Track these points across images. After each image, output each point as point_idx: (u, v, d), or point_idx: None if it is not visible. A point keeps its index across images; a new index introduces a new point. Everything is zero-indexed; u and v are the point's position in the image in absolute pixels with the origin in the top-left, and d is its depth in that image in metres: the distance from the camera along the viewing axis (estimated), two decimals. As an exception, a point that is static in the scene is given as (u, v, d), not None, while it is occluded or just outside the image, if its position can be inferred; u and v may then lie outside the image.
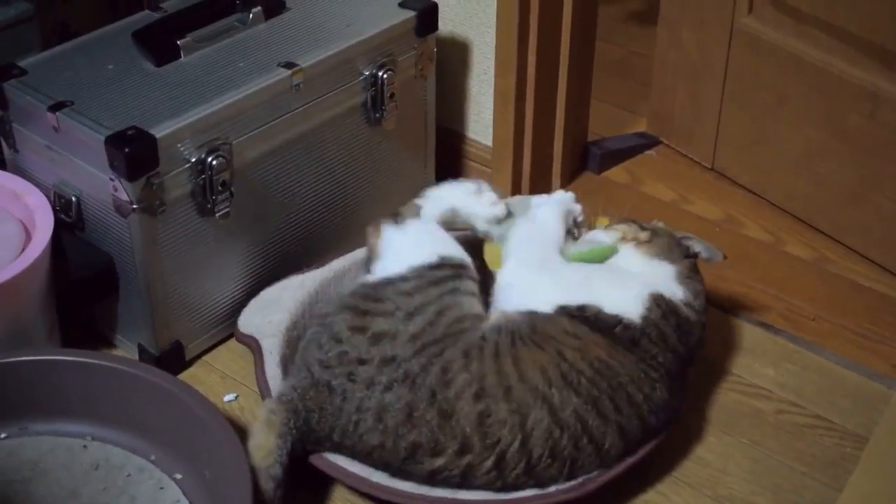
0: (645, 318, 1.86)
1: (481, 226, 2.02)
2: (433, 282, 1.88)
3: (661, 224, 2.08)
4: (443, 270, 1.91)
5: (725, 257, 2.08)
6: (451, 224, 2.03)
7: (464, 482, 1.77)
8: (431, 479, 1.78)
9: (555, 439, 1.76)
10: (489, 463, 1.75)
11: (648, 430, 1.84)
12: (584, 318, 1.84)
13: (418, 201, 2.04)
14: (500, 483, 1.77)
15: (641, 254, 1.98)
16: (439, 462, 1.76)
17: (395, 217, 2.00)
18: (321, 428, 1.81)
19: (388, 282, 1.90)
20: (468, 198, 2.03)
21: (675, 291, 1.93)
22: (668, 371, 1.86)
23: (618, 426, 1.79)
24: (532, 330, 1.83)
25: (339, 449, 1.83)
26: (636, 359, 1.83)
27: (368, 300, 1.88)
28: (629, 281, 1.92)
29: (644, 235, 2.01)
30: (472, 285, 1.92)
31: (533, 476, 1.77)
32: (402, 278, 1.90)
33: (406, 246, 1.95)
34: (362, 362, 1.81)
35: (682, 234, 2.06)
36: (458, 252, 1.94)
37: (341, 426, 1.80)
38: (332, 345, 1.85)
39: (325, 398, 1.81)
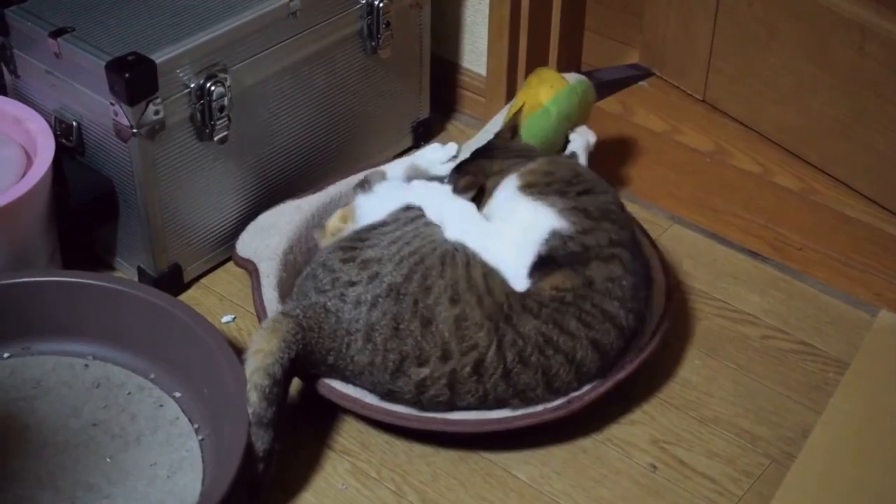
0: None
1: (439, 171, 2.14)
2: (408, 220, 1.96)
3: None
4: (414, 211, 1.98)
5: None
6: (417, 175, 2.16)
7: (452, 396, 1.83)
8: (420, 394, 1.83)
9: (520, 347, 1.82)
10: (469, 368, 1.81)
11: (624, 332, 1.89)
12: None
13: (382, 168, 2.17)
14: (482, 392, 1.82)
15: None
16: (425, 372, 1.81)
17: (363, 185, 2.09)
18: (318, 350, 1.85)
19: (370, 226, 1.97)
20: (422, 152, 2.19)
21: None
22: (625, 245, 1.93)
23: (590, 341, 1.85)
24: None
25: (332, 371, 1.88)
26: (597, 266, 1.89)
27: (355, 241, 1.94)
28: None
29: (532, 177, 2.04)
30: None
31: (511, 384, 1.83)
32: (382, 223, 1.97)
33: (378, 203, 2.02)
34: (352, 284, 1.86)
35: None
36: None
37: (336, 348, 1.85)
38: (325, 273, 1.90)
39: (322, 318, 1.85)
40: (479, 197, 2.00)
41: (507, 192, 1.97)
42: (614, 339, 1.88)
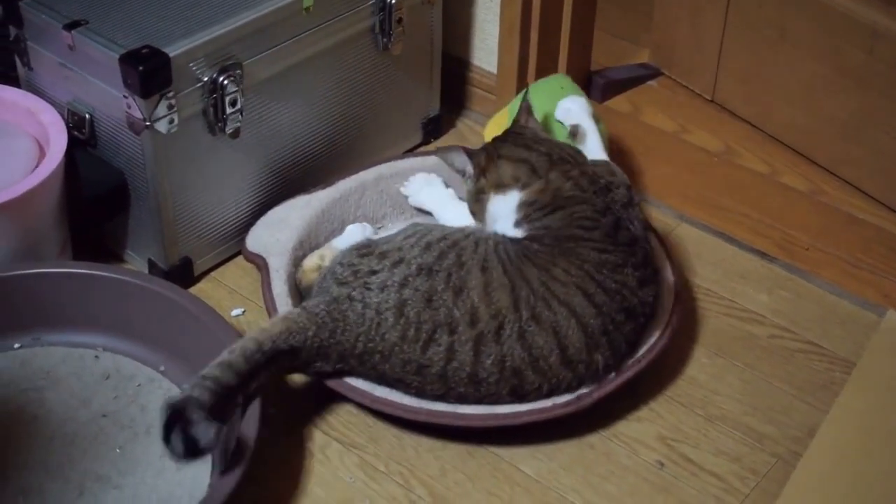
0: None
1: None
2: (415, 223, 2.04)
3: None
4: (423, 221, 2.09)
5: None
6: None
7: (475, 362, 1.83)
8: (448, 362, 1.83)
9: (532, 303, 1.85)
10: (493, 331, 1.83)
11: (632, 310, 1.91)
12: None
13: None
14: (500, 356, 1.83)
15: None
16: (454, 337, 1.83)
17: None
18: (346, 338, 1.86)
19: (377, 239, 2.03)
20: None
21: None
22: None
23: (578, 287, 1.87)
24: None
25: (361, 358, 1.87)
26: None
27: (366, 245, 1.98)
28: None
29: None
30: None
31: (526, 347, 1.83)
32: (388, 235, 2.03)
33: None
34: (374, 272, 1.89)
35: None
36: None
37: (364, 332, 1.85)
38: (343, 268, 1.92)
39: (347, 307, 1.87)
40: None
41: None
42: (598, 290, 1.89)
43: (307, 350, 1.85)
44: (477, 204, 2.05)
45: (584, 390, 1.88)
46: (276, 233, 2.13)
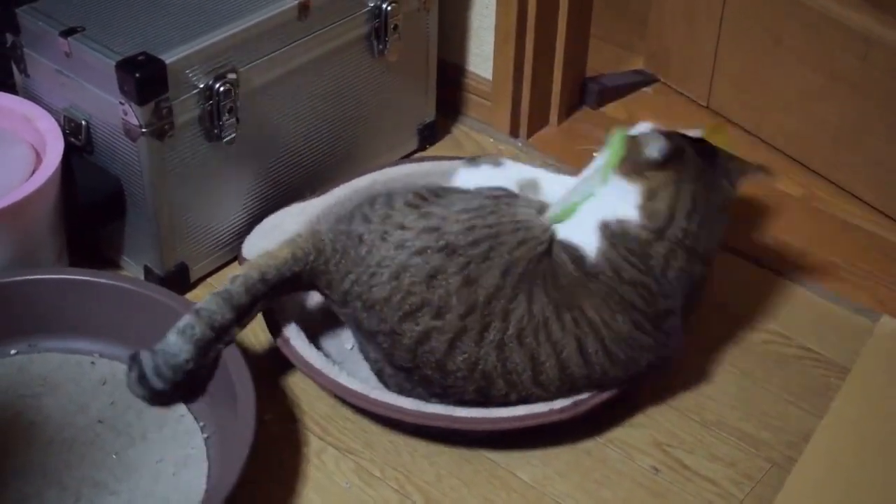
0: (598, 249, 1.87)
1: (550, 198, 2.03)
2: (491, 195, 1.95)
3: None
4: (501, 191, 1.98)
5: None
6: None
7: (447, 353, 1.81)
8: (420, 343, 1.82)
9: (523, 324, 1.81)
10: (475, 332, 1.80)
11: (614, 359, 1.85)
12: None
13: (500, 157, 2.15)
14: (474, 358, 1.81)
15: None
16: (437, 323, 1.81)
17: (471, 159, 2.11)
18: (337, 270, 1.87)
19: (454, 189, 2.00)
20: (549, 178, 2.08)
21: (629, 213, 1.88)
22: (633, 305, 1.85)
23: (576, 339, 1.83)
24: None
25: (346, 296, 1.87)
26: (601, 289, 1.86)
27: (431, 193, 1.94)
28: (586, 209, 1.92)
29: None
30: (532, 203, 1.97)
31: (501, 359, 1.81)
32: (465, 190, 1.99)
33: (473, 178, 2.05)
34: (402, 227, 1.86)
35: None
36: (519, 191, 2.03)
37: (357, 273, 1.85)
38: (382, 206, 1.91)
39: (351, 245, 1.87)
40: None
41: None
42: (600, 351, 1.85)
43: (306, 274, 1.89)
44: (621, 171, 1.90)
45: (581, 396, 1.88)
46: (271, 240, 2.12)
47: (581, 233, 1.88)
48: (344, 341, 2.07)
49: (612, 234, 1.86)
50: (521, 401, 1.85)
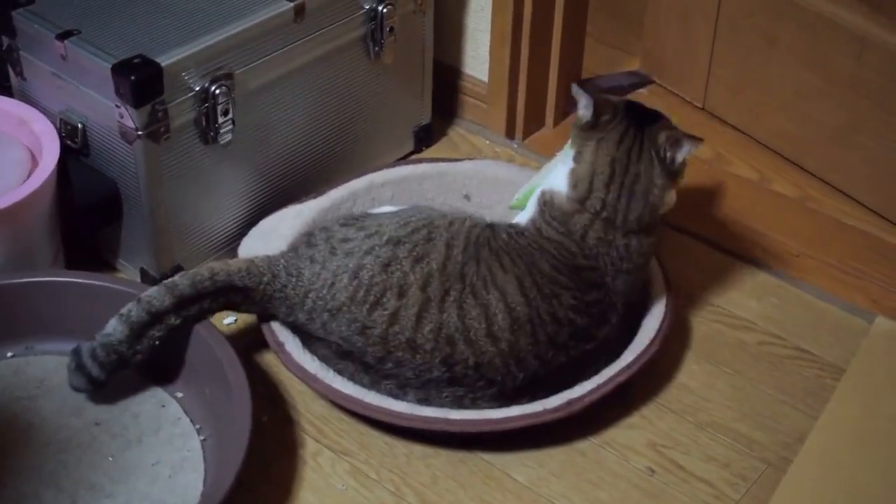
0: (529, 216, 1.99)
1: None
2: (413, 207, 2.10)
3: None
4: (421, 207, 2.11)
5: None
6: None
7: (415, 326, 1.87)
8: (391, 324, 1.87)
9: (472, 280, 1.90)
10: (437, 299, 1.88)
11: (559, 321, 1.90)
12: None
13: None
14: (438, 323, 1.87)
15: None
16: (402, 301, 1.88)
17: None
18: (296, 293, 1.93)
19: (374, 213, 2.10)
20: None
21: (560, 182, 1.97)
22: (552, 255, 1.94)
23: (516, 278, 1.91)
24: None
25: (310, 314, 1.92)
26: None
27: (361, 216, 2.06)
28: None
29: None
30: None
31: (461, 315, 1.87)
32: (384, 212, 2.10)
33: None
34: (346, 240, 1.96)
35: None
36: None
37: (315, 290, 1.92)
38: (320, 232, 2.01)
39: (303, 266, 1.94)
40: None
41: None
42: (534, 287, 1.91)
43: (259, 293, 1.95)
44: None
45: (574, 395, 1.88)
46: (268, 242, 2.13)
47: (527, 210, 2.01)
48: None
49: (545, 202, 1.97)
50: (478, 365, 1.87)
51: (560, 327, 1.90)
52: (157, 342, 1.89)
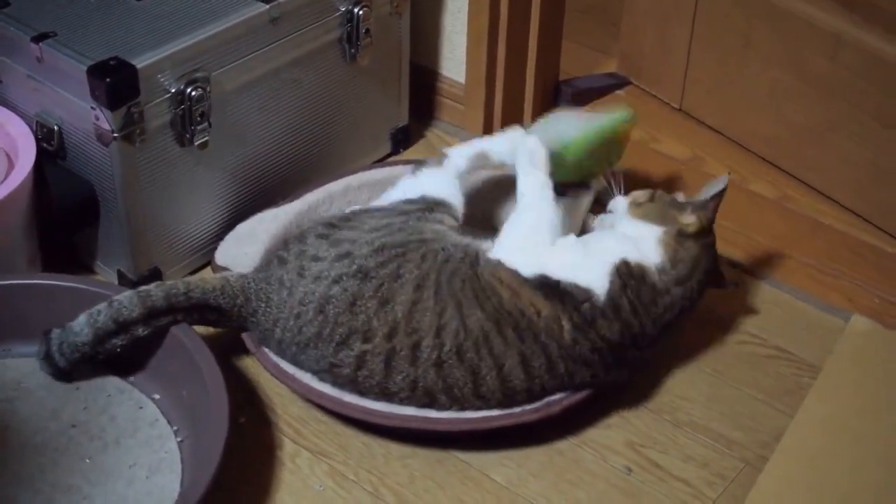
0: (608, 293, 1.89)
1: (505, 158, 2.07)
2: (402, 211, 1.98)
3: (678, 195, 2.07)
4: (416, 204, 1.99)
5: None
6: (484, 165, 2.12)
7: (386, 374, 1.84)
8: (359, 368, 1.85)
9: (460, 339, 1.83)
10: (407, 350, 1.83)
11: (558, 376, 1.87)
12: (557, 291, 1.88)
13: (446, 150, 2.12)
14: (413, 377, 1.84)
15: (631, 216, 2.01)
16: (367, 346, 1.84)
17: (417, 165, 2.10)
18: (266, 320, 1.91)
19: (364, 210, 2.03)
20: (491, 143, 2.11)
21: (650, 256, 1.94)
22: (605, 338, 1.88)
23: (520, 354, 1.84)
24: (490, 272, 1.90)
25: (280, 345, 1.91)
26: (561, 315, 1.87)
27: (341, 220, 1.99)
28: (600, 254, 1.93)
29: (643, 196, 2.03)
30: (444, 218, 1.99)
31: (441, 376, 1.83)
32: (377, 208, 2.01)
33: (402, 188, 2.06)
34: (316, 259, 1.91)
35: (689, 200, 2.05)
36: (445, 194, 2.02)
37: (283, 320, 1.89)
38: (295, 244, 1.97)
39: (273, 290, 1.91)
40: None
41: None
42: (543, 366, 1.86)
43: (235, 314, 1.94)
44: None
45: (553, 397, 1.88)
46: (243, 247, 2.13)
47: (595, 277, 1.90)
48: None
49: (629, 274, 1.90)
50: (463, 409, 1.87)
51: (563, 384, 1.90)
52: (118, 350, 1.90)
